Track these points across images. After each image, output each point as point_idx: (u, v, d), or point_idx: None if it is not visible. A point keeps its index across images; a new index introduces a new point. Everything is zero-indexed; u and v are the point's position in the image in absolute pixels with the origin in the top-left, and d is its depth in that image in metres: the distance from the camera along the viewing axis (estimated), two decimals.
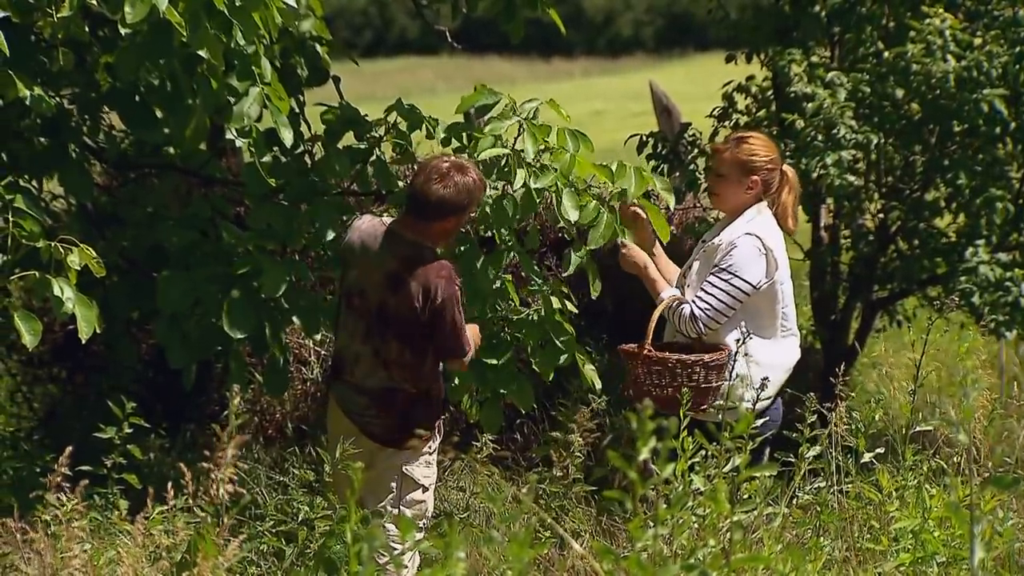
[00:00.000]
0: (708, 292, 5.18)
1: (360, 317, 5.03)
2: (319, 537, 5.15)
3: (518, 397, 5.72)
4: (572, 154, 5.40)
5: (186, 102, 5.16)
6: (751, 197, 5.29)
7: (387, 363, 4.99)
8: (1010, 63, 7.42)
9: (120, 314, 6.20)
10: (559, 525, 5.78)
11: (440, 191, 4.89)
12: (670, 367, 5.09)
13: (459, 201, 4.91)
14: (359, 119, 5.89)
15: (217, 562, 3.49)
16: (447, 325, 4.93)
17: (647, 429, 2.74)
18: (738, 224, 5.26)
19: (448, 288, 4.90)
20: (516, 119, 5.41)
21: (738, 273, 5.15)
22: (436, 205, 4.90)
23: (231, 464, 3.35)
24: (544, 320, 5.62)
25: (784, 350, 5.30)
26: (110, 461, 5.40)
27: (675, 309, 5.23)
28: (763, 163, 5.28)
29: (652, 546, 2.88)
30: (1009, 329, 7.54)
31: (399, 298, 4.92)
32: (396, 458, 5.03)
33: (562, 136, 5.44)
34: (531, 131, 5.38)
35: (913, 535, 4.19)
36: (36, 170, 5.50)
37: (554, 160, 5.40)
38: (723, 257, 5.18)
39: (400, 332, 4.95)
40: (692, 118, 8.93)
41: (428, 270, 4.90)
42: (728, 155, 5.30)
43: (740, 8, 8.68)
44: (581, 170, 5.40)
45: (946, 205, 8.01)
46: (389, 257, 4.94)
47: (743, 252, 5.17)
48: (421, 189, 4.92)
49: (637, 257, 5.37)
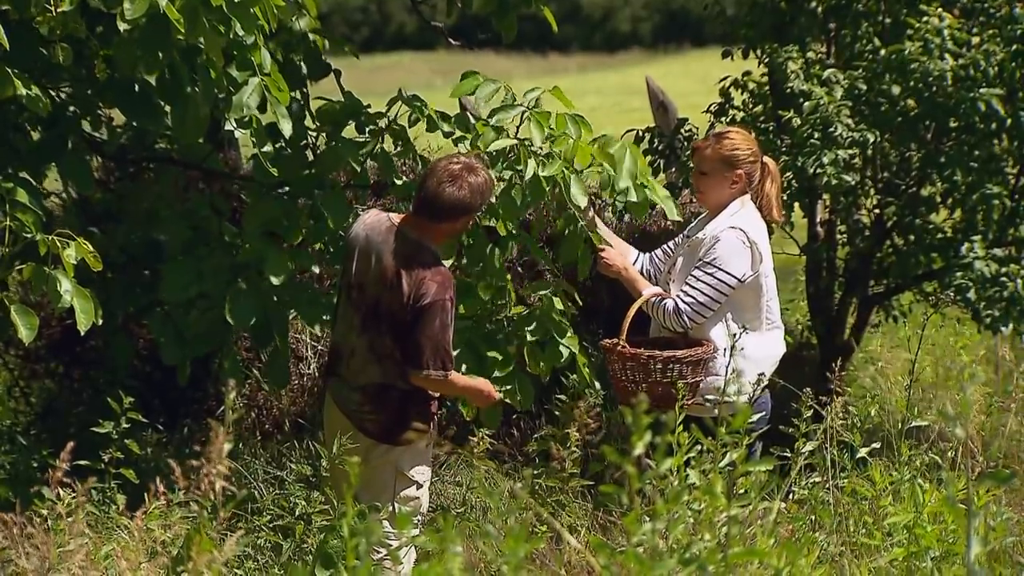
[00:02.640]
0: (693, 286, 5.20)
1: (357, 311, 5.03)
2: (316, 532, 5.17)
3: (518, 396, 5.72)
4: (574, 140, 5.41)
5: (185, 91, 5.16)
6: (736, 191, 5.33)
7: (381, 358, 4.99)
8: (1006, 61, 7.43)
9: (117, 309, 6.21)
10: (556, 520, 5.79)
11: (455, 194, 4.87)
12: (642, 363, 5.10)
13: (471, 203, 4.91)
14: (362, 111, 5.89)
15: (214, 557, 3.50)
16: (428, 329, 4.85)
17: (642, 424, 2.75)
18: (721, 218, 5.29)
19: (439, 293, 4.86)
20: (520, 107, 5.42)
21: (722, 266, 5.18)
22: (448, 208, 4.88)
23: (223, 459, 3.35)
24: (545, 318, 5.63)
25: (770, 343, 5.33)
26: (107, 456, 5.41)
27: (657, 305, 5.26)
28: (745, 157, 5.33)
29: (648, 540, 2.89)
30: (1005, 324, 7.55)
31: (392, 294, 4.92)
32: (390, 454, 5.04)
33: (562, 121, 5.44)
34: (536, 119, 5.38)
35: (907, 530, 4.20)
36: (35, 162, 5.50)
37: (557, 146, 5.40)
38: (707, 251, 5.21)
39: (392, 329, 4.95)
40: (688, 114, 8.93)
41: (425, 271, 4.89)
42: (710, 152, 5.33)
43: (737, 4, 8.69)
44: (582, 157, 5.40)
45: (942, 201, 8.02)
46: (390, 254, 4.94)
47: (727, 245, 5.20)
48: (433, 192, 4.88)
49: (615, 260, 5.39)
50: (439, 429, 5.25)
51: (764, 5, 8.15)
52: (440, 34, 8.32)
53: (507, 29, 6.52)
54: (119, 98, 5.47)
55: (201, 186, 7.42)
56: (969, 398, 4.72)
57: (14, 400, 7.83)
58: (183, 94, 5.18)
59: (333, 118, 5.87)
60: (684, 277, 5.28)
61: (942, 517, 4.27)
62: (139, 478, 5.44)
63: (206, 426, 7.32)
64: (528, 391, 5.73)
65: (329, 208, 5.63)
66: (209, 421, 6.82)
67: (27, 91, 4.96)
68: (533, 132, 5.36)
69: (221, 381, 7.45)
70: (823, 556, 4.25)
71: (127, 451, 5.51)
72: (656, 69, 29.55)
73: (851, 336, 8.63)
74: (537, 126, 5.36)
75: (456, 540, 2.88)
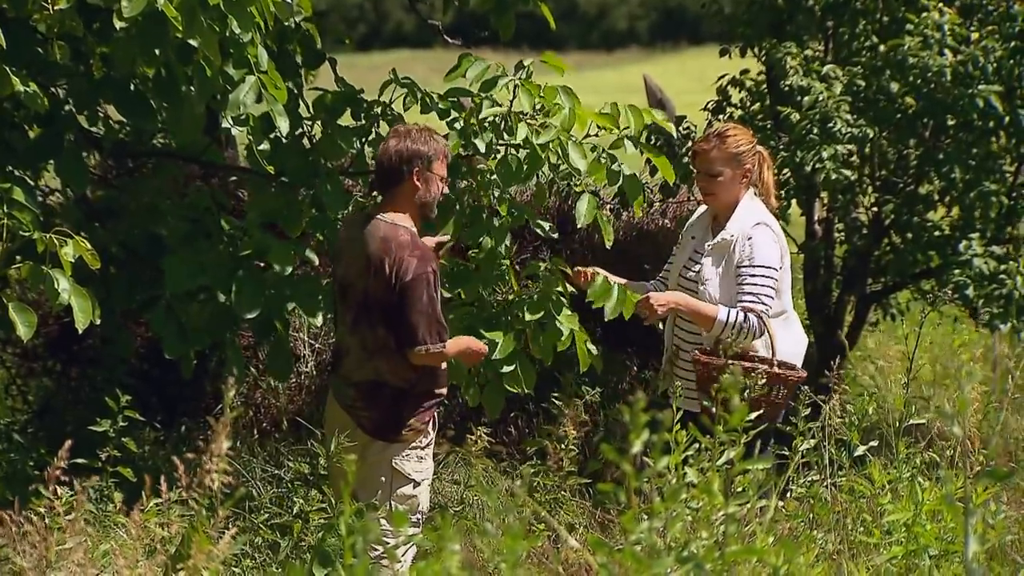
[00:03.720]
0: (752, 292, 5.16)
1: (349, 309, 5.06)
2: (314, 530, 5.16)
3: (519, 379, 5.69)
4: (570, 108, 5.41)
5: (181, 90, 5.16)
6: (745, 186, 5.33)
7: (372, 354, 5.00)
8: (1004, 58, 7.43)
9: (117, 305, 6.20)
10: (553, 518, 5.79)
11: (390, 148, 4.97)
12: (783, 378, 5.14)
13: (410, 149, 4.96)
14: (357, 98, 5.90)
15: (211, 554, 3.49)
16: (418, 304, 4.86)
17: (640, 422, 2.75)
18: (741, 215, 5.28)
19: (420, 267, 4.88)
20: (509, 79, 5.44)
21: (768, 263, 5.20)
22: (392, 164, 4.96)
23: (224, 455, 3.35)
24: (544, 298, 5.60)
25: (796, 335, 5.34)
26: (104, 454, 5.40)
27: (737, 323, 5.16)
28: (748, 151, 5.34)
29: (646, 539, 2.89)
30: (1003, 322, 7.55)
31: (377, 280, 4.94)
32: (386, 452, 5.04)
33: (551, 91, 5.44)
34: (526, 88, 5.40)
35: (906, 528, 4.20)
36: (32, 160, 5.50)
37: (552, 116, 5.41)
38: (747, 253, 5.19)
39: (384, 317, 4.96)
40: (686, 111, 8.92)
41: (402, 247, 4.91)
42: (717, 153, 5.31)
43: (734, 2, 8.68)
44: (580, 122, 5.39)
45: (940, 198, 8.01)
46: (367, 240, 4.97)
47: (763, 242, 5.22)
48: (377, 161, 5.04)
49: (665, 299, 5.26)
50: (437, 430, 5.23)
51: (762, 3, 8.14)
52: (437, 32, 8.31)
53: (505, 26, 6.52)
54: (115, 96, 5.47)
55: (199, 183, 7.41)
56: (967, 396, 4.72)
57: (11, 398, 7.81)
58: (179, 93, 5.17)
59: (329, 107, 5.88)
60: (720, 278, 5.24)
61: (940, 515, 4.27)
62: (136, 476, 5.44)
63: (204, 424, 7.32)
64: (530, 374, 5.69)
65: (327, 196, 5.64)
66: (207, 419, 6.82)
67: (25, 88, 4.95)
68: (523, 100, 5.38)
69: (222, 379, 7.44)
70: (821, 554, 4.25)
71: (124, 449, 5.51)
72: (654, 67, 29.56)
73: (849, 334, 8.63)
74: (527, 94, 5.38)
75: (454, 538, 2.88)
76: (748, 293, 5.17)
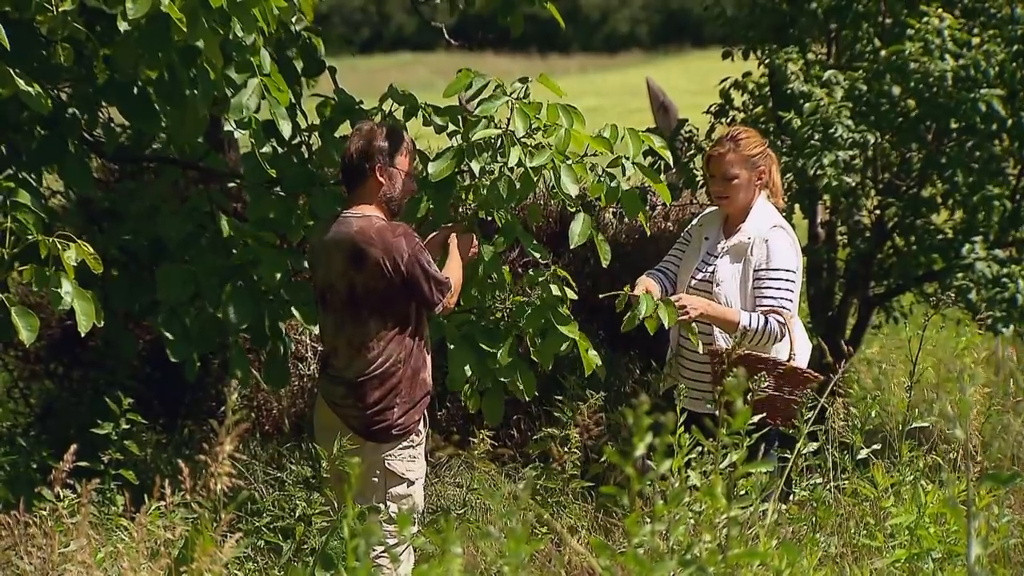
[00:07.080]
0: (773, 296, 5.17)
1: (332, 312, 5.06)
2: (316, 533, 5.16)
3: (520, 386, 5.68)
4: (567, 129, 5.38)
5: (184, 93, 5.16)
6: (759, 188, 5.34)
7: (360, 349, 5.00)
8: (1007, 61, 7.43)
9: (119, 308, 6.21)
10: (556, 521, 5.79)
11: (350, 147, 5.06)
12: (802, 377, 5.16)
13: (371, 146, 5.03)
14: (356, 108, 5.90)
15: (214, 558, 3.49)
16: (423, 275, 4.97)
17: (643, 425, 2.75)
18: (756, 217, 5.28)
19: (409, 244, 4.95)
20: (506, 99, 5.39)
21: (787, 267, 5.21)
22: (351, 162, 5.04)
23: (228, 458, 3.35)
24: (545, 306, 5.59)
25: (802, 335, 5.36)
26: (107, 457, 5.41)
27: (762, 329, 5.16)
28: (762, 153, 5.35)
29: (649, 542, 2.89)
30: (1006, 325, 7.55)
31: (366, 273, 4.95)
32: (377, 451, 5.04)
33: (553, 111, 5.41)
34: (521, 109, 5.36)
35: (909, 531, 4.20)
36: (35, 163, 5.51)
37: (548, 136, 5.38)
38: (764, 256, 5.19)
39: (376, 308, 4.96)
40: (689, 114, 8.93)
41: (383, 233, 4.96)
42: (733, 156, 5.30)
43: (737, 5, 8.69)
44: (577, 143, 5.38)
45: (943, 202, 8.01)
46: (343, 238, 5.00)
47: (780, 245, 5.22)
48: (340, 159, 5.12)
49: (696, 303, 5.24)
50: (428, 428, 5.23)
51: (764, 6, 8.15)
52: (440, 35, 8.32)
53: (514, 24, 6.52)
54: (118, 99, 5.48)
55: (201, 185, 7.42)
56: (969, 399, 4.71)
57: (14, 401, 7.82)
58: (181, 96, 5.18)
59: (328, 119, 5.88)
60: (737, 281, 5.24)
61: (944, 519, 4.26)
62: (138, 479, 5.44)
63: (206, 427, 7.32)
64: (530, 381, 5.69)
65: (320, 206, 5.65)
66: (210, 422, 6.82)
67: (27, 89, 4.96)
68: (517, 122, 5.35)
69: (223, 380, 7.45)
70: (824, 558, 4.24)
71: (127, 452, 5.51)
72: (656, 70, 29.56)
73: (852, 337, 8.63)
74: (521, 116, 5.34)
75: (456, 541, 2.87)
76: (768, 297, 5.18)
